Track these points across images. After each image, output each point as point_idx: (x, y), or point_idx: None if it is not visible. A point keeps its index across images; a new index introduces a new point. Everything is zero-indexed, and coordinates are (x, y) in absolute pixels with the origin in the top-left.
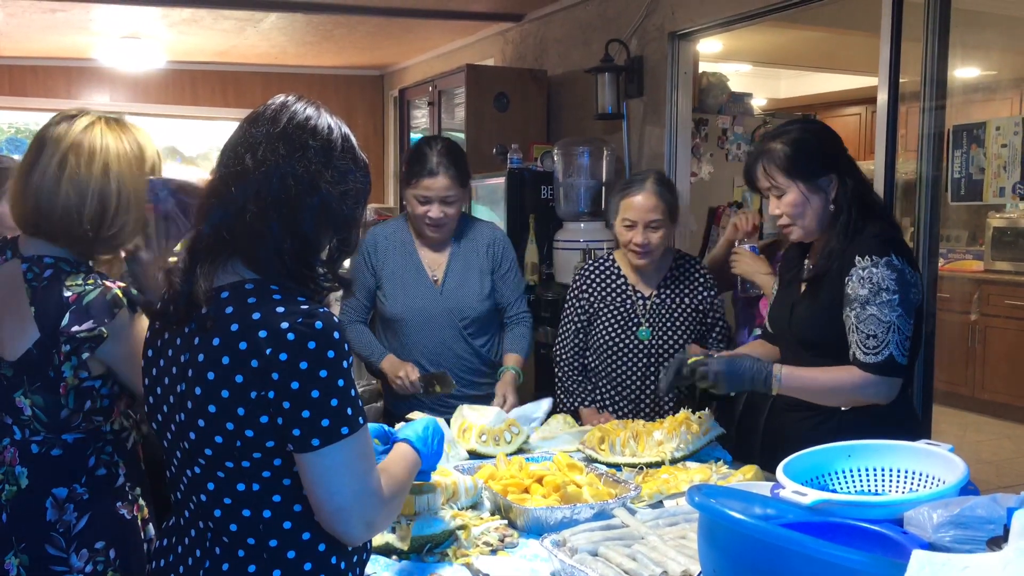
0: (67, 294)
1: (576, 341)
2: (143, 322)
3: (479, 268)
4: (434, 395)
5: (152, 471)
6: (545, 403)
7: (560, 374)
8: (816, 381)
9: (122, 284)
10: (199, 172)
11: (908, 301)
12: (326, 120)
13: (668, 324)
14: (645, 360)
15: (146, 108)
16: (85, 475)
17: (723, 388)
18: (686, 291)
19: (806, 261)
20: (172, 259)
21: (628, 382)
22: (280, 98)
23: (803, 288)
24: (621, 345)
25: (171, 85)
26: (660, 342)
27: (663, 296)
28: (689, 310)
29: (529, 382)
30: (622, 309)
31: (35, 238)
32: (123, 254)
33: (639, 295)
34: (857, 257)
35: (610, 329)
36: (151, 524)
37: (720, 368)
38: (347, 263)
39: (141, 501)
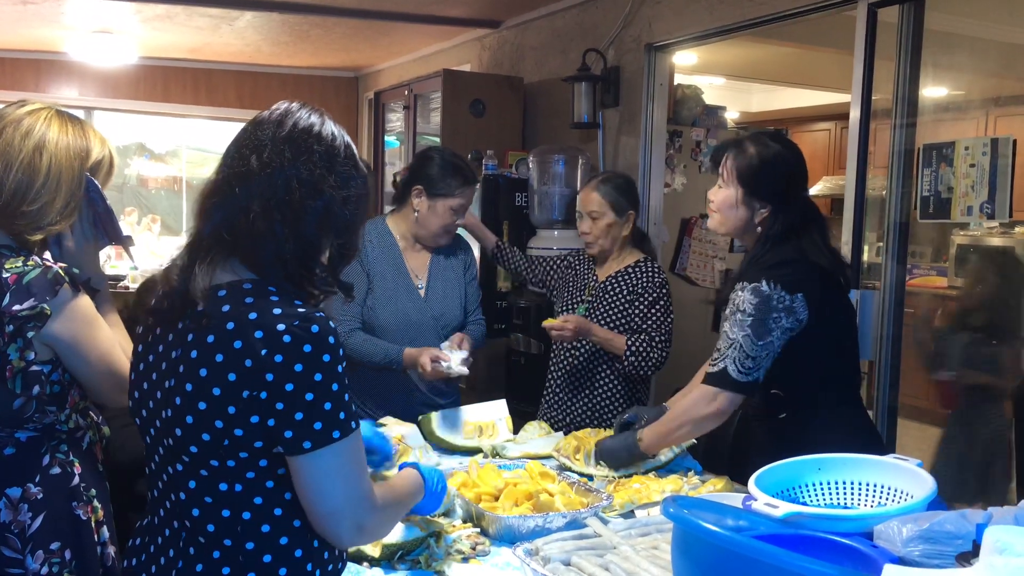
0: (5, 275)
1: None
2: (85, 302)
3: (456, 275)
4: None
5: (113, 473)
6: (500, 405)
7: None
8: (664, 426)
9: (63, 264)
10: (167, 169)
11: (763, 325)
12: (330, 127)
13: (606, 305)
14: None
15: (116, 103)
16: (39, 474)
17: (612, 467)
18: (634, 282)
19: None
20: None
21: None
22: (284, 104)
23: None
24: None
25: (142, 81)
26: (593, 319)
27: (611, 283)
28: (627, 296)
29: (500, 386)
30: (579, 285)
31: None
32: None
33: (594, 279)
34: (738, 282)
35: (563, 300)
36: (105, 527)
37: (603, 457)
38: None
39: (96, 503)
